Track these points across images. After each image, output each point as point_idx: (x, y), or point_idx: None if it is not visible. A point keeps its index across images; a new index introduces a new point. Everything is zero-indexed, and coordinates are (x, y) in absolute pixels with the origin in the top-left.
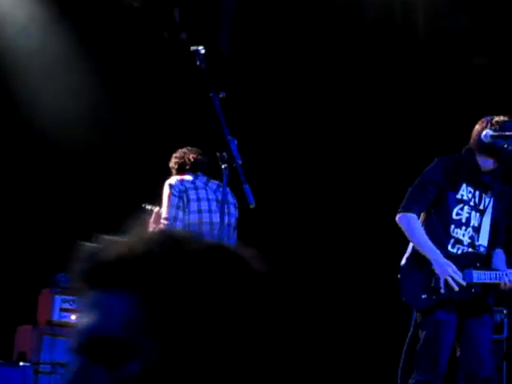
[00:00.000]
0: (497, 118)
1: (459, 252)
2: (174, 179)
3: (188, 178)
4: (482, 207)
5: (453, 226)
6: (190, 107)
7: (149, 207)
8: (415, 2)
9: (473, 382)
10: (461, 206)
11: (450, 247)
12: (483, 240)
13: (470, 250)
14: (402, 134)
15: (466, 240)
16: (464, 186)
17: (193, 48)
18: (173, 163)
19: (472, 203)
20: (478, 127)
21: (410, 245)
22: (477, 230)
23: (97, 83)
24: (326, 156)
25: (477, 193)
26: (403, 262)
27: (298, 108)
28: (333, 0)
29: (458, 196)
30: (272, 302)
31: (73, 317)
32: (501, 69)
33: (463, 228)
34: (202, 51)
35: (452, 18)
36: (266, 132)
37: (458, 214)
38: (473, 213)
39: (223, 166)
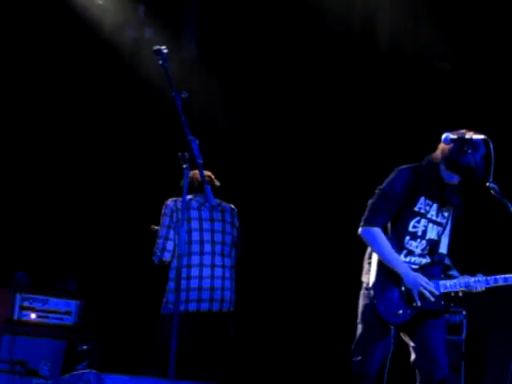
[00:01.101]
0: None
1: (412, 260)
2: (170, 199)
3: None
4: (440, 220)
5: (408, 238)
6: (152, 107)
7: (155, 228)
8: (376, 8)
9: (428, 383)
10: (418, 218)
11: (402, 257)
12: (443, 250)
13: (427, 260)
14: (368, 140)
15: (418, 251)
16: (422, 199)
17: (155, 48)
18: (182, 183)
19: (429, 216)
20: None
21: (375, 259)
22: (435, 242)
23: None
24: (292, 157)
25: (435, 206)
26: (373, 279)
27: (263, 108)
28: (298, 3)
29: (416, 209)
30: None
31: (33, 315)
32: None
33: (418, 240)
34: (165, 51)
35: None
36: (231, 133)
37: (414, 227)
38: (430, 225)
39: (184, 166)
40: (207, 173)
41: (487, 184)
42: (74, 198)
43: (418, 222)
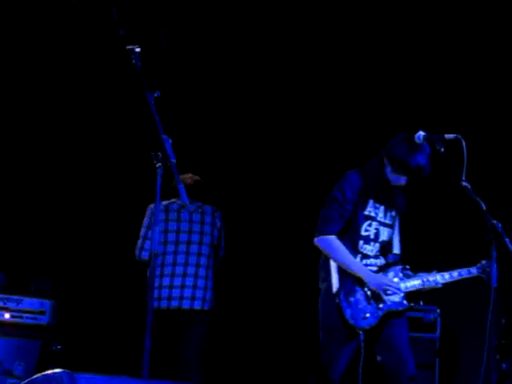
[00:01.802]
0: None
1: (368, 263)
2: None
3: (167, 201)
4: (388, 221)
5: (361, 242)
6: (126, 105)
7: None
8: None
9: (397, 381)
10: (369, 222)
11: (358, 260)
12: (396, 250)
13: (382, 261)
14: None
15: (372, 255)
16: (371, 202)
17: (128, 47)
18: (173, 186)
19: (379, 218)
20: (393, 141)
21: (334, 266)
22: (387, 244)
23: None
24: (261, 156)
25: (382, 208)
26: (337, 285)
27: (235, 108)
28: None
29: (366, 212)
30: None
31: (7, 315)
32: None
33: (371, 243)
34: (138, 50)
35: None
36: (202, 131)
37: (366, 231)
38: (381, 228)
39: (157, 165)
40: (196, 177)
41: (461, 183)
42: (48, 197)
43: (370, 225)
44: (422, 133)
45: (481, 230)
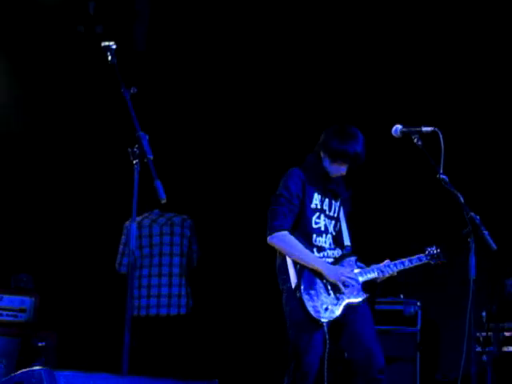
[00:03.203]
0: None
1: (325, 255)
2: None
3: (140, 217)
4: (332, 213)
5: (315, 236)
6: (103, 102)
7: None
8: None
9: (368, 375)
10: (317, 214)
11: (315, 253)
12: (347, 242)
13: (339, 252)
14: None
15: (327, 246)
16: (316, 195)
17: (104, 43)
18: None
19: (324, 211)
20: (326, 133)
21: (290, 264)
22: (336, 235)
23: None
24: (236, 154)
25: (326, 200)
26: (295, 280)
27: (210, 106)
28: None
29: (313, 206)
30: None
31: None
32: None
33: (324, 235)
34: (114, 46)
35: None
36: (179, 128)
37: (316, 223)
38: (327, 220)
39: (134, 162)
40: None
41: (438, 176)
42: (28, 194)
43: (319, 217)
44: (399, 126)
45: (459, 223)
